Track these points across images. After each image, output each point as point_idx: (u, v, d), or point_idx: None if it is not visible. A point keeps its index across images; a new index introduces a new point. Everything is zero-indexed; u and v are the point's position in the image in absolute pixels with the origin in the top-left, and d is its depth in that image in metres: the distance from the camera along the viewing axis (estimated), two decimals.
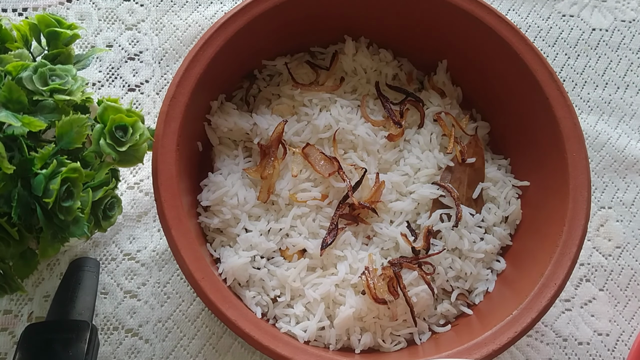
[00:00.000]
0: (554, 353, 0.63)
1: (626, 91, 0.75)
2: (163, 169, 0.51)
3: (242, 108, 0.63)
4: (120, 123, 0.46)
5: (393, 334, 0.55)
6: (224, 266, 0.54)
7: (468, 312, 0.57)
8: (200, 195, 0.58)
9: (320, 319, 0.53)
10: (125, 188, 0.64)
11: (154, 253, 0.62)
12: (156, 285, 0.61)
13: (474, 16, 0.58)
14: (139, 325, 0.60)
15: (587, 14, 0.78)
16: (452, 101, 0.65)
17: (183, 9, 0.72)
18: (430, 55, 0.66)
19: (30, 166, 0.43)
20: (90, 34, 0.70)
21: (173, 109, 0.52)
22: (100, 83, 0.68)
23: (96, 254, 0.62)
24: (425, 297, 0.55)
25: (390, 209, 0.58)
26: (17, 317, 0.59)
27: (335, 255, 0.56)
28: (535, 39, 0.76)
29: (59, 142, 0.45)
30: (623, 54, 0.76)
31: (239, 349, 0.59)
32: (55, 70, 0.46)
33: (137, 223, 0.63)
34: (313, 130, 0.60)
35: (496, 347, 0.48)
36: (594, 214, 0.69)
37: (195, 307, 0.60)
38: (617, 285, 0.66)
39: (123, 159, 0.46)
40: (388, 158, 0.60)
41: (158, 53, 0.70)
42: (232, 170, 0.59)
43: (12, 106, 0.43)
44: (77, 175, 0.44)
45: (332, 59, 0.64)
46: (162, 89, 0.69)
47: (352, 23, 0.64)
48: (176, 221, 0.50)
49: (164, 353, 0.59)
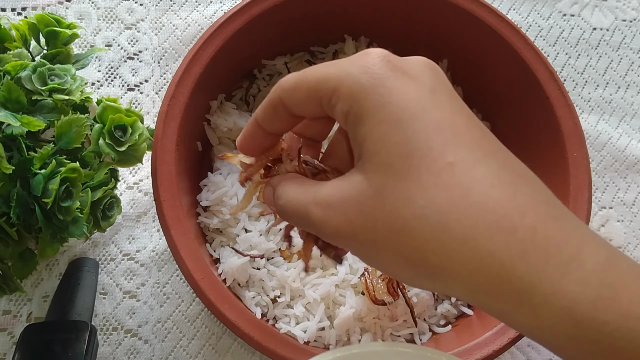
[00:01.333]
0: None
1: (627, 91, 0.75)
2: (162, 169, 0.51)
3: (242, 108, 0.63)
4: (119, 123, 0.46)
5: (393, 334, 0.55)
6: (223, 266, 0.54)
7: (468, 312, 0.57)
8: (199, 195, 0.58)
9: (320, 320, 0.53)
10: (125, 188, 0.64)
11: (153, 253, 0.62)
12: (155, 286, 0.61)
13: (474, 16, 0.58)
14: (138, 326, 0.59)
15: (587, 14, 0.78)
16: None
17: (182, 8, 0.72)
18: (430, 55, 0.65)
19: (29, 166, 0.43)
20: (89, 33, 0.70)
21: (172, 109, 0.52)
22: (99, 83, 0.68)
23: (95, 254, 0.61)
24: (425, 298, 0.55)
25: None
26: (16, 318, 0.59)
27: None
28: (536, 38, 0.76)
29: (58, 142, 0.45)
30: (624, 53, 0.76)
31: (239, 349, 0.59)
32: (54, 70, 0.46)
33: (137, 223, 0.63)
34: None
35: (497, 348, 0.48)
36: (594, 214, 0.69)
37: (194, 308, 0.60)
38: None
39: (122, 158, 0.46)
40: None
41: (157, 52, 0.70)
42: (231, 170, 0.59)
43: (11, 106, 0.43)
44: (76, 175, 0.44)
45: (332, 59, 0.64)
46: (161, 89, 0.69)
47: (352, 23, 0.63)
48: (176, 221, 0.49)
49: (163, 353, 0.59)
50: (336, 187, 0.31)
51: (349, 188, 0.30)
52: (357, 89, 0.29)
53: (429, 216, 0.27)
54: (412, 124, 0.28)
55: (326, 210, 0.30)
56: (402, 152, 0.28)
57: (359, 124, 0.29)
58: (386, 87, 0.29)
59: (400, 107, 0.28)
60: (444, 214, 0.26)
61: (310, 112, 0.33)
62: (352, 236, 0.29)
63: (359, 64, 0.30)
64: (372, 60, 0.30)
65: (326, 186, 0.31)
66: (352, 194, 0.29)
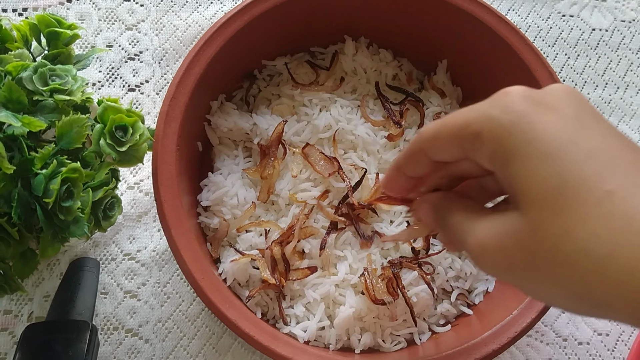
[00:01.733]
0: (554, 353, 0.63)
1: (626, 91, 0.75)
2: (163, 169, 0.51)
3: (242, 108, 0.63)
4: (120, 123, 0.46)
5: (393, 334, 0.55)
6: (224, 266, 0.54)
7: (468, 312, 0.57)
8: (200, 195, 0.58)
9: (320, 319, 0.53)
10: (125, 188, 0.64)
11: (154, 253, 0.62)
12: (156, 285, 0.61)
13: (474, 16, 0.58)
14: (139, 325, 0.60)
15: (587, 14, 0.78)
16: (452, 101, 0.65)
17: (183, 9, 0.72)
18: (430, 55, 0.66)
19: (30, 166, 0.43)
20: (90, 34, 0.70)
21: (173, 109, 0.52)
22: (100, 83, 0.69)
23: (96, 254, 0.62)
24: (425, 297, 0.55)
25: (391, 209, 0.58)
26: (17, 317, 0.59)
27: (335, 256, 0.56)
28: (535, 39, 0.76)
29: (59, 142, 0.45)
30: (623, 54, 0.76)
31: (239, 349, 0.59)
32: (55, 71, 0.46)
33: (137, 223, 0.63)
34: (313, 130, 0.60)
35: (496, 347, 0.48)
36: None
37: (195, 307, 0.60)
38: None
39: (123, 159, 0.46)
40: (388, 158, 0.60)
41: (158, 53, 0.70)
42: (232, 170, 0.59)
43: (12, 106, 0.43)
44: (77, 175, 0.44)
45: (332, 59, 0.64)
46: (162, 89, 0.69)
47: (352, 23, 0.64)
48: (176, 221, 0.50)
49: (164, 353, 0.59)
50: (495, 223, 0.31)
51: (507, 224, 0.30)
52: (500, 131, 0.30)
53: (590, 250, 0.26)
54: (561, 156, 0.28)
55: (484, 245, 0.31)
56: (555, 186, 0.27)
57: (507, 164, 0.30)
58: (529, 123, 0.29)
59: (546, 140, 0.28)
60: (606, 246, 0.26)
61: (452, 157, 0.34)
62: (509, 270, 0.30)
63: (500, 105, 0.30)
64: (512, 99, 0.30)
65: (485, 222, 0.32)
66: (509, 230, 0.30)
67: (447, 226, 0.35)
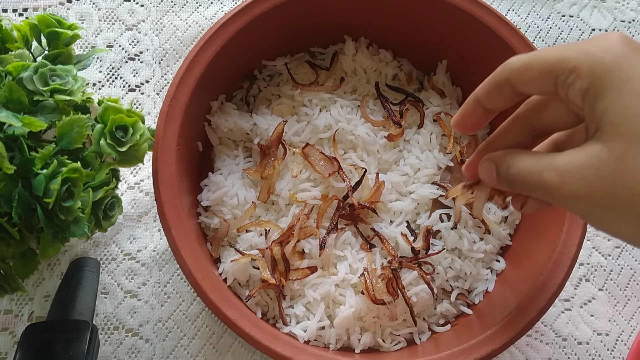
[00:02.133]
0: (554, 353, 0.63)
1: None
2: (163, 169, 0.51)
3: (242, 108, 0.63)
4: (120, 123, 0.46)
5: (393, 333, 0.55)
6: (224, 266, 0.54)
7: (468, 311, 0.57)
8: (200, 195, 0.58)
9: (320, 319, 0.53)
10: (126, 188, 0.64)
11: (154, 253, 0.62)
12: (156, 285, 0.61)
13: (474, 16, 0.58)
14: (139, 325, 0.60)
15: (586, 14, 0.78)
16: (452, 101, 0.65)
17: (183, 9, 0.72)
18: (430, 55, 0.66)
19: (30, 166, 0.43)
20: (91, 34, 0.70)
21: (173, 109, 0.53)
22: (100, 83, 0.69)
23: (96, 254, 0.62)
24: (424, 297, 0.55)
25: (390, 209, 0.58)
26: (17, 317, 0.59)
27: (335, 255, 0.56)
28: (535, 39, 0.76)
29: (60, 142, 0.45)
30: None
31: (239, 348, 0.60)
32: (55, 71, 0.46)
33: (138, 223, 0.63)
34: (313, 130, 0.60)
35: (496, 347, 0.48)
36: None
37: (195, 307, 0.61)
38: (616, 285, 0.66)
39: (123, 159, 0.46)
40: (388, 158, 0.60)
41: (158, 53, 0.70)
42: (232, 170, 0.59)
43: (13, 106, 0.43)
44: (77, 175, 0.44)
45: (332, 59, 0.64)
46: (162, 89, 0.69)
47: (352, 23, 0.64)
48: (176, 221, 0.50)
49: (164, 353, 0.59)
50: (573, 155, 0.33)
51: (588, 156, 0.32)
52: (599, 68, 0.32)
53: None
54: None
55: (562, 176, 0.33)
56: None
57: (599, 99, 0.32)
58: (629, 64, 0.31)
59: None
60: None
61: (538, 90, 0.36)
62: (588, 199, 0.31)
63: (600, 46, 0.33)
64: (613, 42, 0.33)
65: (562, 155, 0.34)
66: (590, 161, 0.31)
67: (512, 176, 0.37)
